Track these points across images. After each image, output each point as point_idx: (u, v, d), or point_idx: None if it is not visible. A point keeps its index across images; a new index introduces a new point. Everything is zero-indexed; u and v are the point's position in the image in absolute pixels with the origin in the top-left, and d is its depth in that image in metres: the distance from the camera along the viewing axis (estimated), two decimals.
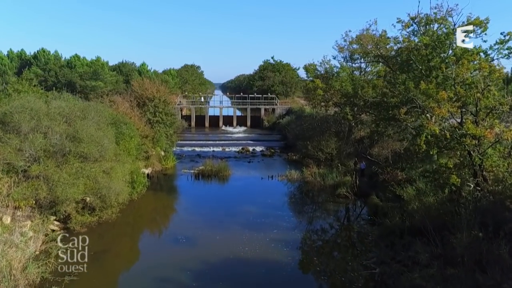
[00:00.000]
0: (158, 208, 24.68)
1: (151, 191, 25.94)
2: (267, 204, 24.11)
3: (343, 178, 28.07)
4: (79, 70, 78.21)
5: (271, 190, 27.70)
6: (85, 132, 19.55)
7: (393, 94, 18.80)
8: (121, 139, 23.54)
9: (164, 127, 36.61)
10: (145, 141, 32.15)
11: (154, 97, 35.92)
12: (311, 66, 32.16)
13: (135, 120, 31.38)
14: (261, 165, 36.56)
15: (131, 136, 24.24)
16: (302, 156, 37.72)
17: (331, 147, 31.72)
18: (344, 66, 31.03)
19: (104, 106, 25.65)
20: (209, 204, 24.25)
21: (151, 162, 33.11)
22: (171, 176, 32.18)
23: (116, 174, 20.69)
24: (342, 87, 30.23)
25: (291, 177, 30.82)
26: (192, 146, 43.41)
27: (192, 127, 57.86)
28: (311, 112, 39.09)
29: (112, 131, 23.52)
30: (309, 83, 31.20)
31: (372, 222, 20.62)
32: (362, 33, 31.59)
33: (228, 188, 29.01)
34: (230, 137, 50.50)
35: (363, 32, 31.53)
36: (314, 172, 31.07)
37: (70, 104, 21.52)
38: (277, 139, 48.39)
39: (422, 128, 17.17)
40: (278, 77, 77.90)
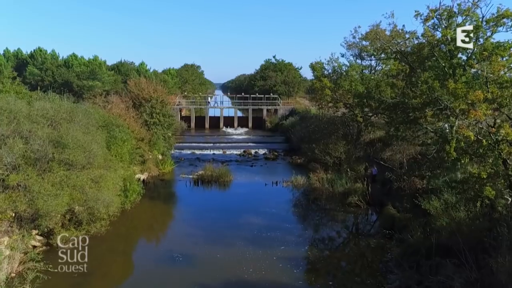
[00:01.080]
0: (153, 220, 22.64)
1: (146, 199, 23.90)
2: (272, 214, 22.08)
3: (354, 184, 26.04)
4: (76, 69, 76.39)
5: (276, 197, 25.66)
6: (70, 136, 17.53)
7: (415, 95, 16.77)
8: (113, 144, 21.53)
9: (162, 129, 34.63)
10: (141, 144, 30.16)
11: (151, 98, 33.93)
12: (318, 64, 30.13)
13: (130, 122, 29.38)
14: (264, 169, 34.53)
15: (124, 140, 22.21)
16: (307, 159, 35.72)
17: (339, 150, 29.67)
18: (354, 64, 28.99)
19: (95, 107, 23.60)
20: (209, 214, 22.21)
21: (147, 167, 31.12)
22: (168, 181, 30.15)
23: (106, 183, 18.66)
24: (352, 87, 28.19)
25: (296, 183, 28.78)
26: (192, 149, 41.39)
27: (192, 128, 55.82)
28: (317, 114, 37.03)
29: (103, 134, 21.53)
30: (316, 82, 29.18)
31: (389, 236, 18.55)
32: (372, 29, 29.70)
33: (229, 196, 26.96)
34: (231, 139, 48.49)
35: (373, 27, 29.62)
36: (322, 177, 29.02)
37: (56, 105, 19.48)
38: (280, 141, 46.35)
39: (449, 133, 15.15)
40: (280, 77, 75.90)
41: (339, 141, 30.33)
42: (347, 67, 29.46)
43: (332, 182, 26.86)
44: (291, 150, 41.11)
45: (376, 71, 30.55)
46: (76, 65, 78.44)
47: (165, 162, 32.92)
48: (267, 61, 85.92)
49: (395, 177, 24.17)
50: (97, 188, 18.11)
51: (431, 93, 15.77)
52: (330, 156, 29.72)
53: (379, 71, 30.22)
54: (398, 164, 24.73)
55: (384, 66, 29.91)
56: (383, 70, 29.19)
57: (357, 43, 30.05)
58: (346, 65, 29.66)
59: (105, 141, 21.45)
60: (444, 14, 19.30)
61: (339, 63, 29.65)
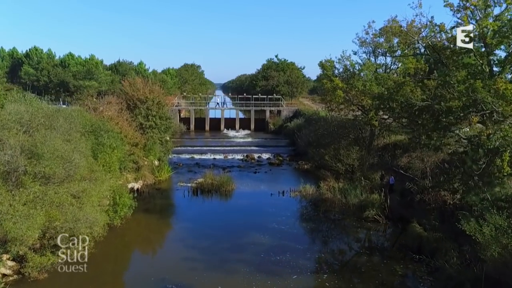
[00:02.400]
0: (145, 238, 20.04)
1: (139, 212, 21.31)
2: (281, 232, 19.48)
3: (369, 195, 23.48)
4: (72, 69, 74.02)
5: (284, 210, 23.06)
6: (47, 145, 14.96)
7: (452, 96, 14.21)
8: (100, 152, 18.97)
9: (158, 132, 32.05)
10: (135, 150, 27.61)
11: (146, 99, 31.35)
12: (328, 62, 27.55)
13: (123, 126, 26.84)
14: (268, 176, 31.95)
15: (113, 147, 19.63)
16: (315, 165, 33.19)
17: (352, 157, 27.07)
18: (368, 63, 26.40)
19: (81, 110, 21.06)
20: (209, 232, 19.62)
21: (142, 174, 28.58)
22: (165, 191, 27.55)
23: (89, 198, 16.13)
24: (366, 87, 25.61)
25: (305, 192, 26.24)
26: (191, 153, 38.79)
27: (191, 131, 53.26)
28: (325, 116, 34.44)
29: (88, 141, 18.98)
30: (326, 82, 26.60)
31: (417, 260, 15.95)
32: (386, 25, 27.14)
33: (231, 208, 24.33)
34: (233, 142, 45.89)
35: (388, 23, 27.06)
36: (333, 186, 26.49)
37: (33, 108, 16.92)
38: (285, 145, 43.77)
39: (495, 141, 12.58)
40: (282, 77, 73.31)
41: (351, 146, 27.73)
42: (360, 66, 26.88)
43: (345, 192, 24.33)
44: (296, 154, 38.58)
45: (391, 70, 27.93)
46: (72, 64, 76.04)
47: (162, 169, 30.36)
48: (269, 60, 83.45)
49: (417, 188, 21.63)
50: (78, 205, 15.59)
51: (474, 94, 13.18)
52: (341, 163, 27.11)
53: (394, 70, 27.61)
54: (420, 173, 22.13)
55: (400, 65, 27.28)
56: (399, 69, 26.58)
57: (370, 40, 27.47)
58: (359, 64, 27.11)
59: (91, 149, 18.92)
60: (480, 4, 16.69)
61: (352, 61, 27.09)
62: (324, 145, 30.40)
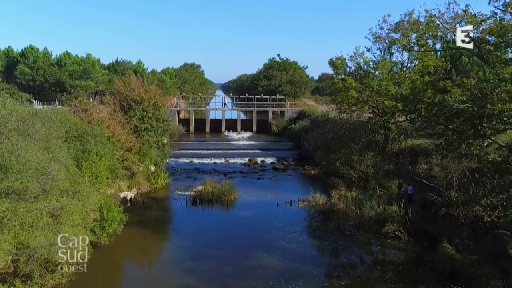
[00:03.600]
0: (135, 260, 17.69)
1: (131, 226, 18.98)
2: (291, 252, 17.10)
3: (387, 207, 21.17)
4: (69, 68, 71.82)
5: (293, 224, 20.71)
6: (17, 155, 12.63)
7: (500, 98, 11.87)
8: (86, 160, 16.62)
9: (155, 135, 29.73)
10: (128, 155, 25.27)
11: (142, 99, 29.00)
12: (339, 60, 25.20)
13: (115, 129, 24.52)
14: (273, 183, 29.59)
15: (100, 154, 17.28)
16: (322, 171, 30.87)
17: (366, 163, 24.72)
18: (384, 60, 24.03)
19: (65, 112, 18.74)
20: (209, 252, 17.25)
21: (136, 182, 26.26)
22: (161, 200, 25.19)
23: (70, 217, 13.79)
24: (382, 87, 23.30)
25: (315, 202, 23.90)
26: (190, 157, 36.45)
27: (191, 133, 50.97)
28: (334, 118, 32.08)
29: (72, 149, 16.66)
30: (338, 81, 24.26)
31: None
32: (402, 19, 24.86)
33: (234, 221, 21.92)
34: (234, 145, 43.56)
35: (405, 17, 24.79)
36: (345, 195, 24.19)
37: (5, 111, 14.58)
38: (289, 148, 41.46)
39: None
40: (285, 77, 70.94)
41: (365, 152, 25.38)
42: (375, 63, 24.50)
43: (360, 202, 22.01)
44: (302, 158, 36.27)
45: (408, 69, 25.57)
46: (69, 63, 73.88)
47: (158, 175, 28.01)
48: (271, 59, 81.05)
49: (441, 200, 19.27)
50: (55, 225, 13.26)
51: None
52: (354, 170, 24.75)
53: (411, 69, 25.24)
54: (446, 183, 19.74)
55: (418, 63, 24.94)
56: (417, 67, 24.22)
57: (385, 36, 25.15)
58: (374, 61, 24.71)
59: (75, 157, 16.59)
60: None
61: (365, 58, 24.71)
62: (334, 149, 28.06)
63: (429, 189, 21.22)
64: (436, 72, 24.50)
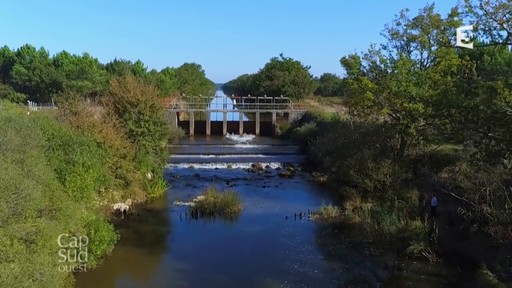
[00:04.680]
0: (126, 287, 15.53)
1: (124, 245, 16.72)
2: (305, 277, 14.91)
3: (410, 222, 18.96)
4: (66, 68, 69.77)
5: (305, 242, 18.54)
6: None
7: None
8: (70, 172, 14.46)
9: (152, 140, 27.57)
10: (123, 162, 23.13)
11: (138, 101, 26.86)
12: (353, 59, 23.03)
13: (108, 134, 22.37)
14: (280, 192, 27.42)
15: (87, 165, 15.11)
16: (332, 177, 28.76)
17: (383, 171, 22.55)
18: (404, 59, 21.82)
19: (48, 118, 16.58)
20: (211, 277, 15.06)
21: (132, 191, 24.10)
22: (158, 212, 23.02)
23: (47, 242, 11.67)
24: (401, 88, 21.16)
25: (327, 215, 21.78)
26: (190, 162, 34.28)
27: (191, 135, 48.81)
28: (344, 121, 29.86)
29: (54, 160, 14.52)
30: (352, 82, 22.08)
31: None
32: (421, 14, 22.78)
33: (239, 238, 19.63)
34: (237, 148, 41.38)
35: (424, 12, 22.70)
36: (359, 207, 22.09)
37: None
38: (294, 152, 39.28)
39: None
40: (288, 77, 68.74)
41: (382, 159, 23.18)
42: (393, 62, 22.32)
43: (377, 216, 19.84)
44: (309, 163, 34.13)
45: (427, 68, 23.37)
46: (66, 63, 71.81)
47: (156, 184, 25.85)
48: (274, 59, 78.93)
49: (473, 216, 17.09)
50: (29, 253, 11.13)
51: None
52: (370, 179, 22.57)
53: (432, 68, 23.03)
54: (477, 197, 17.53)
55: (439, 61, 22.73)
56: (440, 67, 22.02)
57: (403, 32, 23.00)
58: (392, 59, 22.52)
59: (57, 169, 14.45)
60: None
61: (382, 57, 22.54)
62: (345, 155, 25.86)
63: (455, 201, 19.13)
64: (460, 72, 22.34)
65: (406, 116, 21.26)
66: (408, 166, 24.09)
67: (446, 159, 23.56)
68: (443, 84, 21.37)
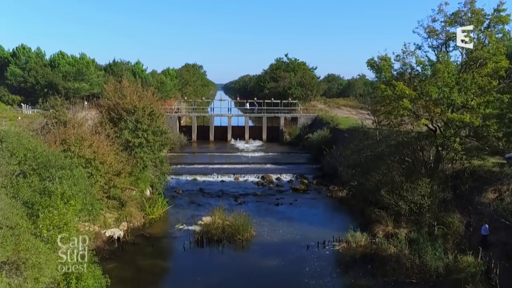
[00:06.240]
0: None
1: (114, 286, 13.64)
2: None
3: (460, 257, 15.80)
4: (63, 69, 66.70)
5: (334, 282, 15.34)
6: None
7: None
8: (44, 206, 11.28)
9: (151, 152, 24.38)
10: (117, 180, 19.95)
11: (135, 108, 23.71)
12: (384, 60, 19.85)
13: (100, 148, 19.19)
14: (296, 210, 24.27)
15: (68, 196, 11.95)
16: (352, 192, 25.68)
17: (419, 192, 19.32)
18: (447, 61, 18.64)
19: (18, 133, 13.40)
20: None
21: (127, 213, 20.95)
22: (157, 239, 19.77)
23: None
24: (443, 94, 17.99)
25: (355, 243, 18.61)
26: (193, 174, 31.14)
27: (193, 141, 45.60)
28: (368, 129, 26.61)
29: (24, 190, 11.35)
30: (385, 88, 18.87)
31: None
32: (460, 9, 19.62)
33: (254, 278, 16.15)
34: (244, 157, 38.12)
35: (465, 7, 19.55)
36: (393, 234, 18.96)
37: None
38: (306, 161, 36.11)
39: None
40: (294, 78, 65.45)
41: (417, 176, 19.97)
42: (432, 65, 19.11)
43: (417, 246, 16.68)
44: (324, 175, 30.96)
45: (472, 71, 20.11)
46: (63, 64, 68.73)
47: (155, 202, 22.69)
48: (279, 60, 75.60)
49: None
50: None
51: None
52: (404, 200, 19.36)
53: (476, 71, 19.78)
54: None
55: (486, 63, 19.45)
56: (486, 69, 18.81)
57: (440, 30, 19.82)
58: (431, 61, 19.31)
59: (28, 203, 11.29)
60: None
61: (419, 58, 19.34)
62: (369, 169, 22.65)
63: (506, 228, 16.07)
64: (510, 76, 19.18)
65: (450, 128, 18.05)
66: (446, 184, 20.88)
67: (490, 176, 20.38)
68: (491, 89, 18.22)
